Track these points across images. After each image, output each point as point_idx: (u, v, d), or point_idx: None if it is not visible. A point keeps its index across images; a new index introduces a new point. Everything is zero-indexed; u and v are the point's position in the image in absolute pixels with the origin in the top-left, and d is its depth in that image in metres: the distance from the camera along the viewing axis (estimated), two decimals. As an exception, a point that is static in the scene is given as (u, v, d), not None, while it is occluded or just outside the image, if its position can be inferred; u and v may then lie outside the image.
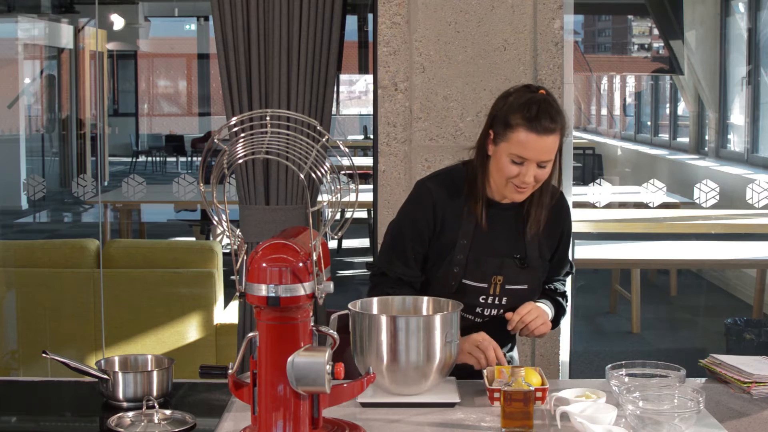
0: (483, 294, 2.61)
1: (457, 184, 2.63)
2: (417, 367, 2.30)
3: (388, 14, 3.45)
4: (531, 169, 2.48)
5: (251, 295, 2.02)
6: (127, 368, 2.49)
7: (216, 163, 2.07)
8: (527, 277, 2.62)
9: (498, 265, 2.60)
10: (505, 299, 2.62)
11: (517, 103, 2.48)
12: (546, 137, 2.46)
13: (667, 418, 2.11)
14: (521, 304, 2.60)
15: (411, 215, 2.65)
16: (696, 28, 7.58)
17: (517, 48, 3.43)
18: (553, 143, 2.48)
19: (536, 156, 2.47)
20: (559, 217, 2.69)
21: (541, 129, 2.45)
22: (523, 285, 2.62)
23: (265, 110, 2.07)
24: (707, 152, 7.68)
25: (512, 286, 2.61)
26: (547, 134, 2.46)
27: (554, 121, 2.47)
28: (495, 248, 2.61)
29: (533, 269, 2.63)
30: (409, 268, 2.63)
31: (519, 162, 2.48)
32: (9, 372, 4.70)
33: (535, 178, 2.51)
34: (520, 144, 2.46)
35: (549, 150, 2.48)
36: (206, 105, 10.09)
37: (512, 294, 2.62)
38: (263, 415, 2.04)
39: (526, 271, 2.62)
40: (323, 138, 2.03)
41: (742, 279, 6.98)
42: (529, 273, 2.62)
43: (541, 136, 2.45)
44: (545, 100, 2.49)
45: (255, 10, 3.48)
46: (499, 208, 2.62)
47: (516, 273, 2.61)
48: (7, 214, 7.46)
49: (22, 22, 7.47)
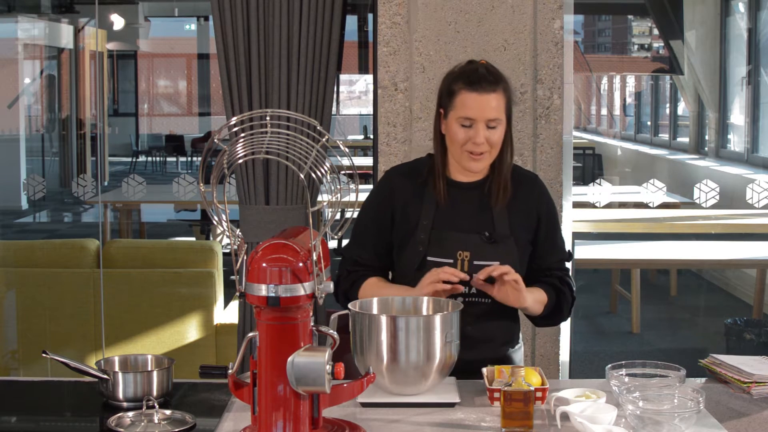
0: None
1: (420, 171, 2.72)
2: (417, 367, 2.30)
3: (388, 14, 3.45)
4: (480, 130, 2.57)
5: (251, 295, 2.02)
6: (127, 368, 2.49)
7: (216, 163, 2.07)
8: (497, 253, 2.63)
9: (463, 240, 2.63)
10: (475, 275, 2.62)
11: (458, 73, 2.63)
12: (487, 95, 2.57)
13: (667, 418, 2.11)
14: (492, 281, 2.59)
15: (369, 201, 2.77)
16: (696, 28, 7.58)
17: (517, 48, 3.43)
18: (497, 102, 2.58)
19: (481, 114, 2.56)
20: (530, 196, 2.71)
21: (480, 88, 2.57)
22: (494, 261, 2.61)
23: (265, 110, 2.07)
24: (707, 152, 7.68)
25: (481, 262, 2.61)
26: (487, 92, 2.57)
27: (494, 82, 2.59)
28: (459, 225, 2.66)
29: (504, 246, 2.63)
30: (364, 251, 2.72)
31: (468, 125, 2.58)
32: (9, 372, 4.70)
33: (488, 141, 2.58)
34: (464, 106, 2.57)
35: (493, 108, 2.57)
36: (206, 105, 10.09)
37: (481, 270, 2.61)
38: (263, 415, 2.04)
39: (495, 247, 2.63)
40: (323, 138, 2.03)
41: (742, 279, 6.98)
42: (499, 249, 2.63)
43: (482, 94, 2.57)
44: (484, 65, 2.63)
45: (255, 10, 3.48)
46: (462, 187, 2.68)
47: (484, 248, 2.62)
48: (7, 214, 7.46)
49: (22, 22, 7.47)
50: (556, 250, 2.74)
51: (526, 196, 2.70)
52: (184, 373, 2.76)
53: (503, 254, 2.63)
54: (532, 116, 3.44)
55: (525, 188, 2.71)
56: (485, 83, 2.57)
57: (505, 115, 2.61)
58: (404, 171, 2.76)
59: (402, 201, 2.69)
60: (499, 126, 2.59)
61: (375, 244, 2.72)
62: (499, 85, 2.59)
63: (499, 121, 2.58)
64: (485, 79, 2.58)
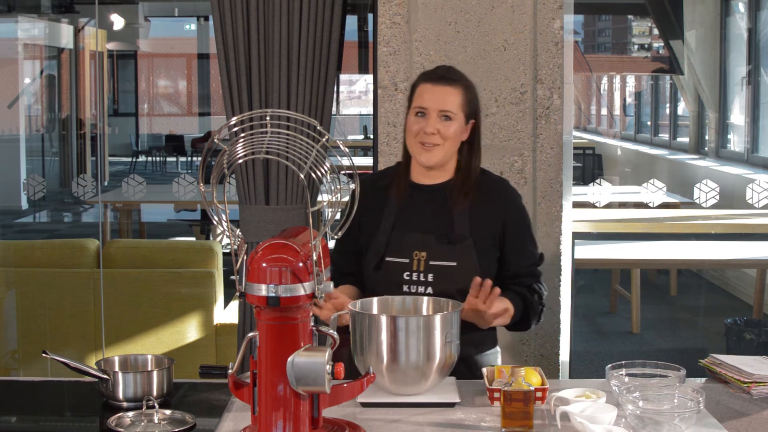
0: (406, 270, 2.64)
1: (386, 176, 2.78)
2: (417, 367, 2.30)
3: (388, 14, 3.45)
4: (432, 121, 2.61)
5: (251, 295, 2.02)
6: (127, 368, 2.50)
7: (216, 163, 2.07)
8: (455, 254, 2.63)
9: (419, 240, 2.64)
10: (432, 276, 2.63)
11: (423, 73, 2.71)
12: (443, 86, 2.63)
13: (667, 418, 2.12)
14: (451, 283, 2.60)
15: None
16: (696, 28, 7.59)
17: (517, 48, 3.43)
18: (452, 96, 2.62)
19: (434, 104, 2.61)
20: (497, 201, 2.71)
21: (436, 79, 2.65)
22: (451, 262, 2.62)
23: (265, 110, 2.07)
24: (707, 152, 7.69)
25: (437, 262, 2.63)
26: (443, 84, 2.64)
27: (453, 79, 2.65)
28: (418, 226, 2.69)
29: (463, 247, 2.64)
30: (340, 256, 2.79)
31: (422, 114, 2.63)
32: (9, 372, 4.70)
33: (440, 134, 2.61)
34: (420, 96, 2.65)
35: (447, 100, 2.62)
36: (206, 105, 10.08)
37: (439, 271, 2.62)
38: (263, 415, 2.04)
39: (452, 248, 2.63)
40: (323, 138, 2.03)
41: (742, 279, 6.98)
42: (457, 250, 2.63)
43: (436, 85, 2.63)
44: (447, 65, 2.74)
45: (255, 10, 3.48)
46: (425, 190, 2.71)
47: (441, 249, 2.63)
48: (7, 214, 7.46)
49: (22, 22, 7.47)
50: (526, 256, 2.72)
51: (492, 201, 2.70)
52: (184, 373, 2.76)
53: (460, 255, 2.63)
54: (532, 116, 3.44)
55: (492, 193, 2.72)
56: (443, 78, 2.65)
57: (462, 112, 2.64)
58: (374, 177, 2.84)
59: (367, 205, 2.71)
60: (454, 120, 2.63)
61: (348, 249, 2.76)
62: (458, 82, 2.66)
63: (453, 114, 2.62)
64: (444, 76, 2.66)
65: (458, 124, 2.63)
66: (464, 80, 2.69)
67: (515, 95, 3.43)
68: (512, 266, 2.71)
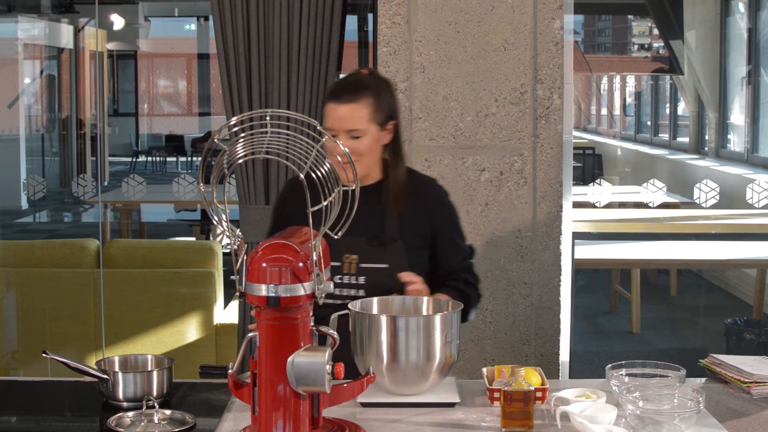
0: (338, 273, 2.65)
1: None
2: (417, 367, 2.30)
3: (388, 14, 3.45)
4: (341, 140, 2.58)
5: (251, 295, 2.02)
6: (127, 368, 2.50)
7: (216, 163, 2.07)
8: (386, 256, 2.65)
9: (351, 244, 2.64)
10: (363, 278, 2.65)
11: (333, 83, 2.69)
12: (344, 105, 2.58)
13: (667, 418, 2.12)
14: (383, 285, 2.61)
15: (273, 210, 2.84)
16: (696, 28, 7.59)
17: (517, 48, 3.43)
18: (354, 111, 2.58)
19: (339, 124, 2.58)
20: (425, 200, 2.72)
21: (339, 99, 2.59)
22: (383, 264, 2.64)
23: (265, 110, 2.07)
24: (707, 152, 7.69)
25: (369, 265, 2.64)
26: (345, 102, 2.58)
27: (355, 92, 2.58)
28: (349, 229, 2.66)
29: (394, 249, 2.65)
30: None
31: (333, 134, 2.59)
32: (9, 372, 4.70)
33: (352, 152, 2.59)
34: (327, 116, 2.61)
35: (350, 118, 2.58)
36: (206, 105, 10.08)
37: (370, 273, 2.64)
38: (263, 415, 2.04)
39: (383, 250, 2.65)
40: (323, 138, 2.03)
41: (742, 279, 6.98)
42: (387, 252, 2.65)
43: (339, 104, 2.58)
44: (354, 74, 2.65)
45: (255, 10, 3.48)
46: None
47: (372, 252, 2.65)
48: (7, 214, 7.46)
49: (22, 22, 7.47)
50: (458, 251, 2.75)
51: (420, 201, 2.71)
52: (184, 373, 2.76)
53: (391, 258, 2.65)
54: (532, 116, 3.44)
55: (420, 193, 2.72)
56: (346, 93, 2.58)
57: (374, 122, 2.60)
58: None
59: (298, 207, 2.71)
60: (364, 136, 2.59)
61: None
62: (360, 95, 2.58)
63: (362, 131, 2.58)
64: (347, 90, 2.59)
65: (371, 137, 2.61)
66: (371, 88, 2.61)
67: (515, 95, 3.43)
68: (446, 264, 2.73)
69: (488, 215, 3.41)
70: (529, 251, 3.43)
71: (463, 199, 3.39)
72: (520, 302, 3.43)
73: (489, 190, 3.41)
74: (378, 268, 2.64)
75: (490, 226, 3.41)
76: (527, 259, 3.43)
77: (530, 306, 3.45)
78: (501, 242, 3.41)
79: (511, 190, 3.42)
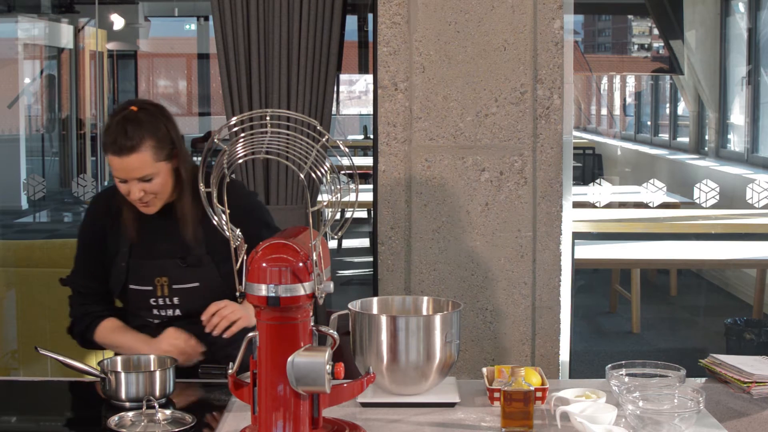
0: (152, 297, 2.69)
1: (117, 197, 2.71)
2: (417, 367, 2.30)
3: (388, 14, 3.45)
4: (134, 186, 2.57)
5: (251, 295, 2.02)
6: (129, 368, 2.50)
7: (216, 163, 2.07)
8: (196, 275, 2.68)
9: (160, 266, 2.67)
10: (177, 299, 2.68)
11: (106, 126, 2.59)
12: (127, 158, 2.54)
13: (667, 418, 2.12)
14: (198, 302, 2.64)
15: (81, 227, 2.80)
16: (696, 28, 7.58)
17: (517, 48, 3.43)
18: (139, 160, 2.54)
19: (127, 175, 2.56)
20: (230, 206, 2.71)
21: (118, 150, 2.53)
22: (193, 283, 2.67)
23: (265, 110, 2.07)
24: (707, 152, 7.69)
25: (180, 286, 2.67)
26: (127, 154, 2.53)
27: (132, 139, 2.52)
28: (156, 252, 2.69)
29: (202, 267, 2.68)
30: (87, 279, 2.77)
31: (122, 181, 2.57)
32: (9, 372, 4.69)
33: (147, 192, 2.59)
34: (112, 166, 2.57)
35: (137, 168, 2.55)
36: (206, 105, 10.08)
37: (183, 293, 2.68)
38: (263, 415, 2.04)
39: (192, 270, 2.68)
40: (323, 138, 2.03)
41: (742, 279, 6.98)
42: (197, 272, 2.68)
43: (122, 158, 2.54)
44: (125, 118, 2.55)
45: (255, 10, 3.48)
46: (155, 215, 2.68)
47: (181, 273, 2.67)
48: (7, 214, 7.46)
49: (22, 22, 7.47)
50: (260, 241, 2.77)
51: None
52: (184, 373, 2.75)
53: (201, 276, 2.68)
54: (532, 116, 3.44)
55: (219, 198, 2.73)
56: (123, 149, 2.53)
57: (160, 160, 2.58)
58: (108, 195, 2.76)
59: (104, 226, 2.73)
60: (156, 176, 2.58)
61: (93, 271, 2.77)
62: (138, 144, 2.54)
63: (151, 174, 2.57)
64: (123, 137, 2.53)
65: (162, 173, 2.60)
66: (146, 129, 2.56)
67: (515, 95, 3.43)
68: None
69: (488, 215, 3.41)
70: (529, 251, 3.43)
71: (463, 199, 3.39)
72: (520, 302, 3.43)
73: (489, 190, 3.41)
74: (189, 287, 2.68)
75: (490, 226, 3.41)
76: (527, 259, 3.43)
77: (530, 306, 3.45)
78: (501, 242, 3.41)
79: (511, 190, 3.42)
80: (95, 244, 2.75)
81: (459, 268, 3.37)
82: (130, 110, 2.58)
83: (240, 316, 2.61)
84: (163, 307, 2.70)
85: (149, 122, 2.57)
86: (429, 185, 3.38)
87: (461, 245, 3.37)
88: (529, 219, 3.42)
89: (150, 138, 2.56)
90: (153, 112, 2.61)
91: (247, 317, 2.64)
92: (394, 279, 3.37)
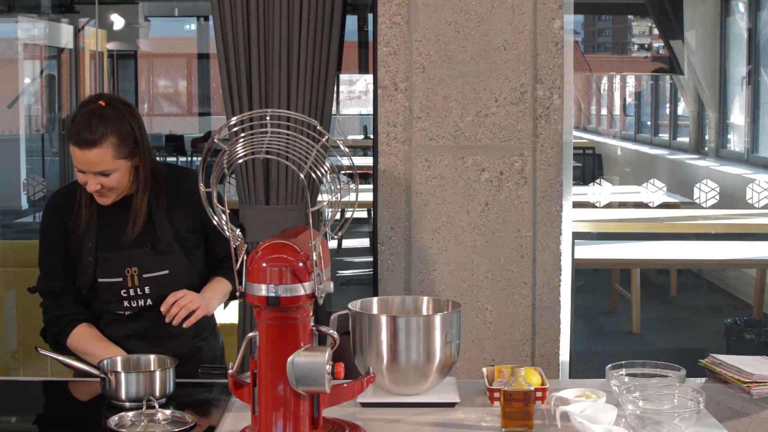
0: (123, 288, 2.69)
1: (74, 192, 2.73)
2: (417, 367, 2.30)
3: (388, 14, 3.45)
4: (92, 179, 2.58)
5: (251, 295, 2.03)
6: (129, 368, 2.50)
7: (216, 163, 2.07)
8: (164, 262, 2.69)
9: (129, 257, 2.68)
10: (148, 288, 2.69)
11: (73, 116, 2.60)
12: (88, 151, 2.55)
13: (667, 418, 2.12)
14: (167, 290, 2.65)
15: (42, 228, 2.78)
16: (696, 28, 7.58)
17: (517, 48, 3.43)
18: (100, 155, 2.55)
19: (86, 167, 2.57)
20: (185, 194, 2.75)
21: (80, 143, 2.54)
22: (163, 271, 2.69)
23: (265, 110, 2.07)
24: (707, 152, 7.68)
25: (150, 274, 2.69)
26: (88, 147, 2.55)
27: (95, 133, 2.53)
28: (122, 243, 2.70)
29: (170, 254, 2.70)
30: (55, 280, 2.74)
31: (82, 171, 2.58)
32: (9, 372, 4.70)
33: (104, 185, 2.60)
34: (73, 156, 2.58)
35: (96, 162, 2.56)
36: (206, 105, 10.08)
37: (153, 281, 2.69)
38: (263, 415, 2.04)
39: (161, 257, 2.69)
40: (323, 138, 2.03)
41: (742, 279, 6.98)
42: (165, 258, 2.69)
43: (83, 150, 2.55)
44: (91, 111, 2.57)
45: (255, 10, 3.48)
46: (117, 207, 2.69)
47: (151, 261, 2.69)
48: (7, 214, 7.45)
49: (22, 22, 7.47)
50: None
51: (181, 196, 2.74)
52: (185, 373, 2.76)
53: (170, 263, 2.70)
54: (532, 116, 3.44)
55: (179, 188, 2.75)
56: (86, 134, 2.54)
57: (120, 157, 2.59)
58: (66, 193, 2.77)
59: (66, 223, 2.73)
60: (114, 172, 2.59)
61: (61, 271, 2.75)
62: (101, 138, 2.55)
63: (109, 170, 2.58)
64: (86, 130, 2.54)
65: (120, 170, 2.61)
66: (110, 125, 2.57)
67: (515, 95, 3.43)
68: (218, 249, 2.80)
69: (488, 215, 3.41)
70: (529, 251, 3.43)
71: (463, 199, 3.39)
72: (520, 302, 3.43)
73: (489, 190, 3.41)
74: (159, 275, 2.69)
75: (490, 226, 3.41)
76: (527, 259, 3.43)
77: (530, 306, 3.45)
78: (501, 242, 3.41)
79: (511, 190, 3.42)
80: (59, 243, 2.74)
81: (459, 268, 3.37)
82: (98, 104, 2.59)
83: (199, 306, 2.63)
84: (134, 297, 2.71)
85: (115, 119, 2.59)
86: (429, 185, 3.38)
87: (461, 245, 3.37)
88: (529, 219, 3.42)
89: (113, 135, 2.57)
90: (120, 109, 2.62)
91: (206, 306, 2.66)
92: (394, 279, 3.37)
